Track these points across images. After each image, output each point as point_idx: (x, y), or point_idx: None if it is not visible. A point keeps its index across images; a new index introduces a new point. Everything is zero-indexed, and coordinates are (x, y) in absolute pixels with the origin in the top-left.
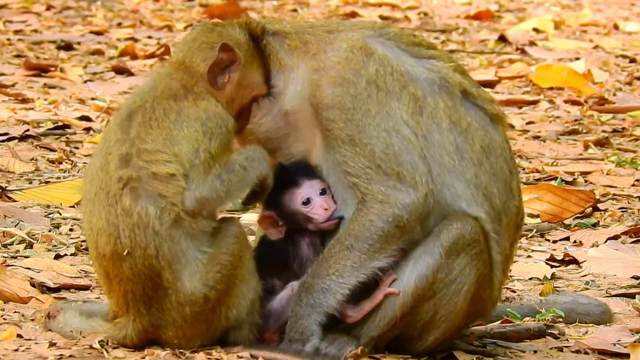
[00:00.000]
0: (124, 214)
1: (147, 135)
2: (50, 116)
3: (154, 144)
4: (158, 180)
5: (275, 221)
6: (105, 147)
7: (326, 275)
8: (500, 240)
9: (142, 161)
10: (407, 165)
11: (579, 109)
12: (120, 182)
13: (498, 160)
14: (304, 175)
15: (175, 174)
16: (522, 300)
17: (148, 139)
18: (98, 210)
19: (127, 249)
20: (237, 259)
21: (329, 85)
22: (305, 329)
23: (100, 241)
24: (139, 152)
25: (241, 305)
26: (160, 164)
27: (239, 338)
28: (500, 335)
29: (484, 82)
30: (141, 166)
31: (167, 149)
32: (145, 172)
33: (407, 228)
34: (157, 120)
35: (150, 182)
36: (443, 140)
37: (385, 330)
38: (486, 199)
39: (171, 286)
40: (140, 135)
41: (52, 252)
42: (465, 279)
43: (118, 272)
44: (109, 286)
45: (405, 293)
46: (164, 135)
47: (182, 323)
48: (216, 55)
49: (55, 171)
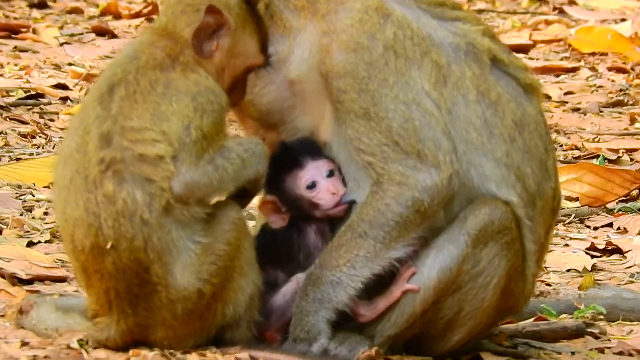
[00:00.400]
0: (106, 201)
1: (132, 111)
2: (22, 84)
3: (140, 120)
4: (145, 162)
5: (277, 207)
6: (82, 126)
7: (336, 267)
8: (534, 227)
9: (127, 141)
10: (429, 142)
11: (625, 78)
12: (101, 165)
13: (532, 136)
14: (308, 155)
15: (164, 156)
16: (558, 294)
17: (133, 116)
18: (74, 198)
19: (110, 241)
20: (234, 249)
21: (340, 51)
22: (312, 327)
23: (77, 233)
24: (123, 130)
25: (239, 300)
26: (148, 143)
27: (236, 337)
28: (534, 334)
29: (517, 46)
30: (125, 146)
31: (155, 126)
32: (130, 154)
33: (428, 213)
34: (143, 93)
35: (136, 165)
36: (470, 114)
37: (403, 328)
38: (518, 180)
39: (161, 282)
40: (124, 112)
41: (24, 239)
42: (495, 271)
43: (99, 267)
44: (87, 282)
45: (426, 287)
46: (151, 111)
47: (173, 322)
48: (201, 18)
49: (27, 147)
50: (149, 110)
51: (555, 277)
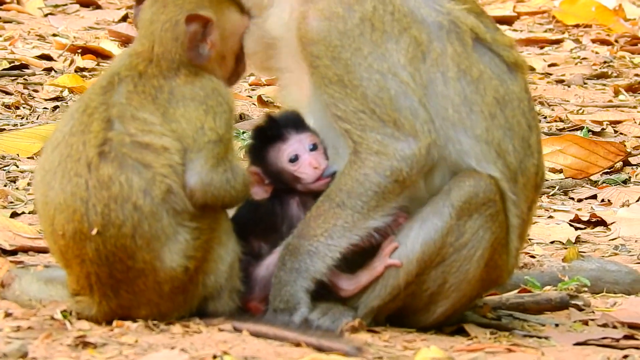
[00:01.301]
0: (100, 186)
1: (142, 106)
2: (6, 55)
3: (150, 115)
4: (149, 150)
5: (261, 179)
6: (83, 110)
7: (313, 236)
8: (517, 202)
9: (135, 128)
10: (405, 112)
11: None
12: (104, 146)
13: (515, 113)
14: (292, 128)
15: (169, 148)
16: (542, 266)
17: (142, 110)
18: (60, 182)
19: (96, 227)
20: (213, 220)
21: (315, 18)
22: (291, 296)
23: (58, 218)
24: (132, 117)
25: (219, 270)
26: (155, 135)
27: (218, 308)
28: (518, 306)
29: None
30: (133, 133)
31: (165, 124)
32: (136, 139)
33: (407, 183)
34: (151, 95)
35: (140, 151)
36: (448, 91)
37: (386, 300)
38: (499, 157)
39: (147, 267)
40: (133, 104)
41: (8, 209)
42: (479, 243)
43: (79, 253)
44: (65, 264)
45: (409, 260)
46: (161, 111)
47: (158, 300)
48: (185, 30)
49: (11, 117)
50: (159, 110)
51: (540, 249)
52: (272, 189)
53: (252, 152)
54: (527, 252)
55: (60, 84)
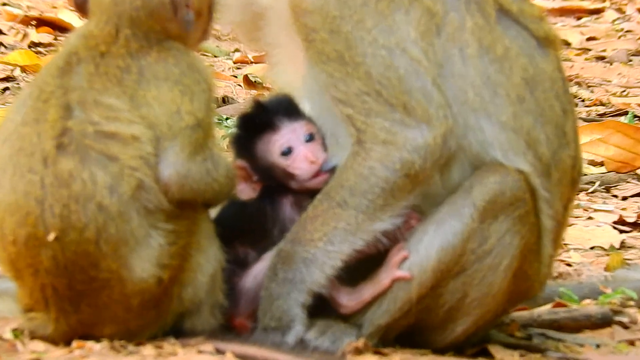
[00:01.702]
0: (58, 183)
1: (106, 89)
2: None
3: (115, 100)
4: (115, 140)
5: (248, 174)
6: (37, 96)
7: (310, 241)
8: (551, 200)
9: (98, 116)
10: (417, 94)
11: None
12: (62, 137)
13: (547, 96)
14: (284, 116)
15: (139, 137)
16: (580, 276)
17: (107, 94)
18: (11, 180)
19: (53, 232)
20: (192, 222)
21: None
22: (284, 312)
23: (9, 221)
24: (95, 103)
25: (198, 281)
26: (122, 123)
27: (197, 325)
28: (551, 323)
29: None
30: (96, 121)
31: (134, 109)
32: (100, 128)
33: (419, 178)
34: (116, 76)
35: (104, 142)
36: (467, 71)
37: (396, 317)
38: (529, 148)
39: (114, 277)
40: (95, 86)
41: None
42: (506, 249)
43: (32, 261)
44: (16, 275)
45: (423, 269)
46: (128, 94)
47: (125, 316)
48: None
49: None
50: (126, 93)
51: (577, 256)
52: (261, 187)
53: (237, 144)
54: (563, 260)
55: (11, 61)
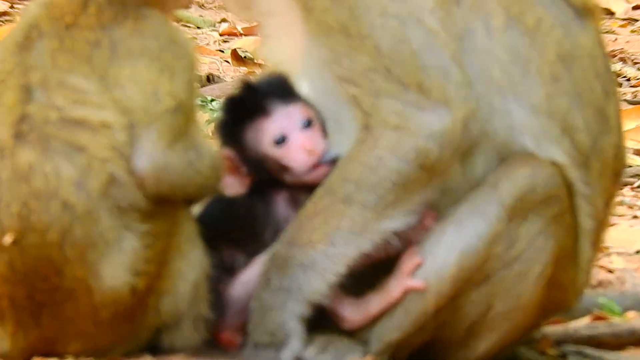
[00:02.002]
0: (17, 178)
1: (72, 68)
2: None
3: (83, 81)
4: (83, 128)
5: (235, 166)
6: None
7: (309, 243)
8: (590, 195)
9: (63, 99)
10: (434, 72)
11: None
12: (22, 124)
13: (585, 74)
14: (278, 98)
15: (111, 124)
16: (623, 285)
17: (73, 73)
18: None
19: (10, 234)
20: (172, 221)
21: None
22: (278, 326)
23: None
24: (60, 85)
25: (178, 290)
26: (91, 107)
27: (178, 341)
28: (589, 339)
29: None
30: (60, 105)
31: (105, 91)
32: (64, 114)
33: (436, 169)
34: (84, 53)
35: (70, 129)
36: (493, 46)
37: (409, 332)
38: (565, 135)
39: (80, 285)
40: (60, 65)
41: None
42: (537, 254)
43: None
44: None
45: (441, 277)
46: (98, 74)
47: (94, 331)
48: None
49: None
50: (95, 73)
51: (620, 261)
52: (251, 181)
53: (223, 131)
54: (603, 266)
55: None
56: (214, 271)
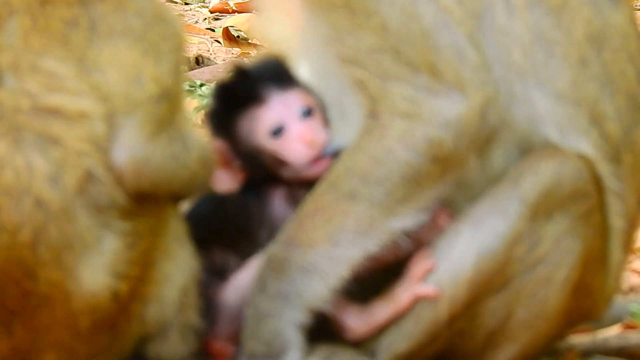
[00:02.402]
0: None
1: (46, 50)
2: None
3: (59, 64)
4: (58, 117)
5: (227, 160)
6: None
7: (309, 243)
8: (621, 193)
9: (36, 85)
10: (448, 53)
11: None
12: None
13: (617, 57)
14: (273, 84)
15: (89, 114)
16: None
17: (48, 56)
18: None
19: None
20: (156, 221)
21: None
22: (275, 336)
23: None
24: (32, 69)
25: (165, 295)
26: (67, 94)
27: (164, 351)
28: (620, 350)
29: None
30: (32, 92)
31: (82, 76)
32: (38, 102)
33: (451, 161)
34: (60, 32)
35: (44, 119)
36: (513, 25)
37: (420, 342)
38: (594, 124)
39: (56, 290)
40: (32, 46)
41: None
42: (563, 257)
43: None
44: None
45: (456, 281)
46: (76, 56)
47: (72, 341)
48: None
49: None
50: (72, 55)
51: None
52: (244, 177)
53: (214, 120)
54: (636, 270)
55: None
56: (204, 275)
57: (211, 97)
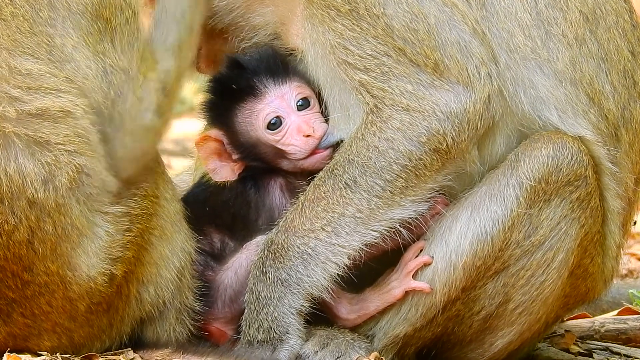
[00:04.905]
0: None
1: (17, 46)
2: None
3: (35, 61)
4: (42, 119)
5: (223, 151)
6: None
7: (309, 231)
8: (619, 173)
9: (16, 88)
10: (452, 49)
11: None
12: None
13: (611, 34)
14: (270, 76)
15: (72, 112)
16: None
17: (22, 51)
18: None
19: None
20: (150, 202)
21: None
22: (274, 322)
23: None
24: (10, 71)
25: (162, 277)
26: (48, 93)
27: (162, 334)
28: (617, 335)
29: None
30: (15, 96)
31: (56, 69)
32: (20, 108)
33: (452, 153)
34: (27, 19)
35: (30, 123)
36: (514, 7)
37: (417, 326)
38: (592, 103)
39: (53, 279)
40: (6, 44)
41: None
42: (561, 241)
43: None
44: None
45: (453, 266)
46: (45, 46)
47: (70, 325)
48: None
49: None
50: (42, 45)
51: None
52: (242, 167)
53: (211, 112)
54: (634, 253)
55: None
56: (202, 257)
57: (207, 90)
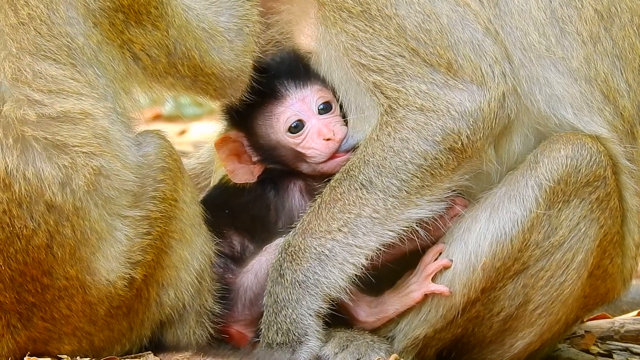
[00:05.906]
0: None
1: (37, 48)
2: None
3: (52, 64)
4: (61, 122)
5: (243, 152)
6: None
7: (326, 233)
8: (637, 171)
9: (38, 92)
10: (465, 48)
11: None
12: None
13: (626, 32)
14: (291, 80)
15: (92, 114)
16: None
17: (40, 56)
18: None
19: None
20: (169, 204)
21: None
22: (293, 324)
23: None
24: (34, 75)
25: (181, 280)
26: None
27: (182, 337)
28: (637, 335)
29: None
30: (37, 100)
31: (78, 73)
32: (41, 112)
33: (468, 152)
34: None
35: (49, 126)
36: (528, 5)
37: (437, 327)
38: (608, 101)
39: (72, 284)
40: (27, 47)
41: None
42: (580, 241)
43: None
44: None
45: (472, 267)
46: (65, 48)
47: (90, 329)
48: None
49: None
50: (62, 47)
51: None
52: (262, 169)
53: (232, 114)
54: None
55: None
56: (222, 259)
57: None
